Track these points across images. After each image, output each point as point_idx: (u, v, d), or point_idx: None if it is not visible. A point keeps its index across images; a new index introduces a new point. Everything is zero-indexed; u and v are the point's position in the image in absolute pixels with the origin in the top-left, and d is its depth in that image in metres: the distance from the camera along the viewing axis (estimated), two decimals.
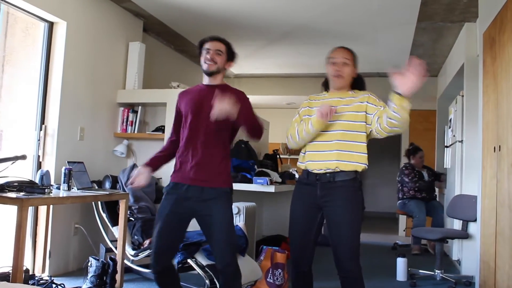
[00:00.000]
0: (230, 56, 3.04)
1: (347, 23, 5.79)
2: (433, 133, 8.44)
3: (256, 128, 2.97)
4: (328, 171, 2.83)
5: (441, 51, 6.86)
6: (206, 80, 3.02)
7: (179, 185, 2.91)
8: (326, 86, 3.10)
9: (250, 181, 4.87)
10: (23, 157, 3.56)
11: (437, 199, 7.23)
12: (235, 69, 8.43)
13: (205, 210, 2.86)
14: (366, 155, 2.90)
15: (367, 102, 2.85)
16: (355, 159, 2.85)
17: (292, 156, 10.06)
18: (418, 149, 7.10)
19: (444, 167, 6.99)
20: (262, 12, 5.56)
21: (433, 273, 4.95)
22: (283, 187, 5.28)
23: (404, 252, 5.35)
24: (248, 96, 3.07)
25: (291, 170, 6.32)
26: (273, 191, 4.84)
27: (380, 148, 12.08)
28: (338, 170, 2.82)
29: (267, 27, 6.12)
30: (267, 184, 4.81)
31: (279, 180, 5.34)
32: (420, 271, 5.00)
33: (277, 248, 4.37)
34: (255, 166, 5.30)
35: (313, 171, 2.89)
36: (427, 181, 6.91)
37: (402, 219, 8.72)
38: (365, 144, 2.89)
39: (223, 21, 5.88)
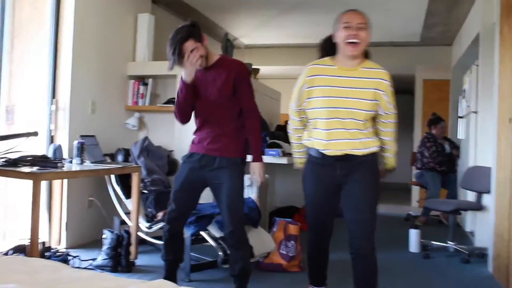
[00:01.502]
0: (200, 37, 2.98)
1: None
2: (446, 103, 8.33)
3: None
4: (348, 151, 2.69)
5: (456, 19, 6.71)
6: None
7: (194, 154, 3.10)
8: (327, 51, 2.80)
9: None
10: (35, 133, 3.58)
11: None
12: (245, 39, 8.33)
13: (216, 179, 3.04)
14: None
15: (383, 91, 2.66)
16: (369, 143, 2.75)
17: None
18: (440, 119, 6.96)
19: (458, 137, 6.93)
20: None
21: (446, 244, 4.94)
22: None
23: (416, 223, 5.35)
24: (259, 67, 3.11)
25: None
26: (286, 162, 4.84)
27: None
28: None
29: None
30: (280, 155, 4.81)
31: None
32: (433, 242, 4.98)
33: (290, 219, 4.37)
34: (267, 138, 5.28)
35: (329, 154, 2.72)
36: (447, 154, 6.81)
37: (416, 190, 8.69)
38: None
39: None
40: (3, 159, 3.36)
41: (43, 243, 4.05)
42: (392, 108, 2.71)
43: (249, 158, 3.16)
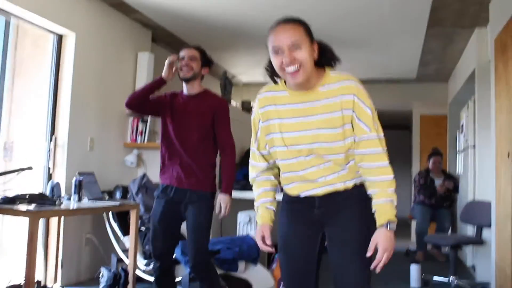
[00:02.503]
0: (205, 62, 3.18)
1: (357, 29, 5.76)
2: (444, 137, 8.37)
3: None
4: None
5: (451, 56, 6.81)
6: (185, 89, 3.22)
7: (168, 187, 3.17)
8: (274, 72, 2.06)
9: None
10: (29, 168, 3.57)
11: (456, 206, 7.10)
12: (244, 77, 8.42)
13: (187, 212, 3.13)
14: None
15: (355, 96, 1.97)
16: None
17: None
18: (433, 153, 7.00)
19: (457, 173, 6.93)
20: (269, 20, 5.51)
21: (447, 279, 4.88)
22: None
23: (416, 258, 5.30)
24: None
25: None
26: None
27: (390, 151, 12.02)
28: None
29: None
30: (279, 191, 4.78)
31: None
32: (434, 277, 4.93)
33: None
34: None
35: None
36: (432, 188, 6.77)
37: (414, 224, 8.65)
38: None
39: (231, 31, 5.88)
40: (1, 197, 3.34)
41: (39, 282, 3.99)
42: (367, 131, 1.98)
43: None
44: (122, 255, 4.47)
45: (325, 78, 2.01)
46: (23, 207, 3.19)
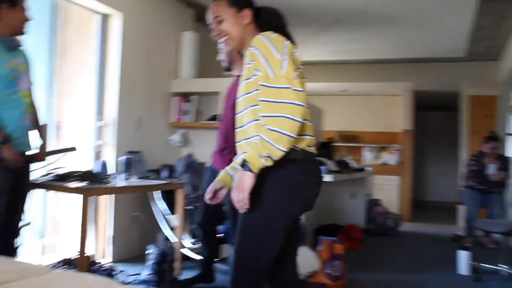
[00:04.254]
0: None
1: (403, 7, 5.59)
2: (493, 120, 8.11)
3: None
4: None
5: (504, 33, 6.55)
6: None
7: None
8: None
9: None
10: (73, 149, 3.61)
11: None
12: None
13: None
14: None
15: (251, 47, 1.99)
16: None
17: (348, 144, 9.92)
18: (491, 138, 6.66)
19: (506, 155, 6.69)
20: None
21: (498, 267, 4.73)
22: (340, 176, 5.21)
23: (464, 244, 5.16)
24: None
25: (346, 159, 6.23)
26: (331, 180, 4.77)
27: (437, 134, 11.79)
28: None
29: (318, 13, 6.00)
30: (324, 173, 4.74)
31: (336, 169, 5.26)
32: (484, 265, 4.80)
33: (335, 238, 4.29)
34: None
35: None
36: (485, 175, 6.50)
37: (462, 209, 8.45)
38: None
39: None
40: (52, 174, 3.42)
41: (89, 256, 4.09)
42: (266, 80, 1.91)
43: None
44: (169, 233, 4.53)
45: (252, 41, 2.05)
46: (75, 184, 3.26)
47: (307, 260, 3.88)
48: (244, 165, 1.85)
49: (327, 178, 4.80)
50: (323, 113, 7.14)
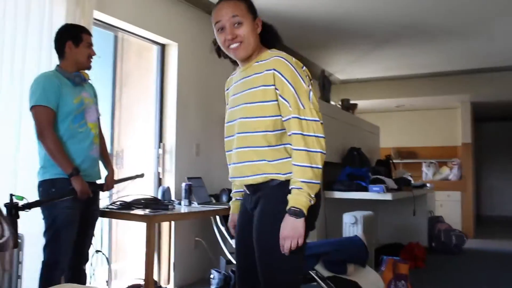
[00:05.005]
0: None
1: (457, 16, 5.46)
2: None
3: None
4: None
5: None
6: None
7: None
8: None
9: (365, 189, 4.76)
10: (142, 175, 3.73)
11: None
12: (341, 75, 8.33)
13: None
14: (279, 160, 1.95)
15: (271, 86, 1.92)
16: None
17: (405, 161, 9.74)
18: None
19: None
20: (365, 16, 5.44)
21: None
22: (400, 194, 5.12)
23: None
24: (356, 102, 3.02)
25: (406, 176, 6.12)
26: (390, 198, 4.70)
27: (497, 145, 11.40)
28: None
29: (370, 31, 5.99)
30: (384, 191, 4.68)
31: (395, 186, 5.17)
32: None
33: (398, 258, 4.22)
34: (369, 173, 5.18)
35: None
36: None
37: None
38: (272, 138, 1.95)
39: (326, 28, 5.84)
40: (119, 203, 3.53)
41: (156, 281, 4.17)
42: (291, 111, 1.88)
43: None
44: (230, 257, 4.56)
45: (262, 55, 2.00)
46: (139, 211, 3.35)
47: (371, 280, 3.82)
48: (296, 212, 1.83)
49: (386, 196, 4.73)
50: (380, 130, 7.06)
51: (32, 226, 2.89)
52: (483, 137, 11.08)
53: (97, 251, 3.32)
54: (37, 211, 2.85)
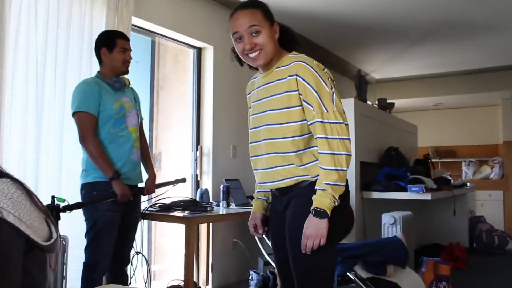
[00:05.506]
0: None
1: (495, 11, 5.32)
2: None
3: None
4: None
5: None
6: None
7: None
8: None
9: (403, 189, 4.71)
10: (183, 180, 3.77)
11: None
12: (376, 74, 8.25)
13: None
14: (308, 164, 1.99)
15: (295, 92, 1.95)
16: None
17: (444, 160, 9.56)
18: None
19: None
20: (400, 14, 5.37)
21: None
22: (440, 194, 5.04)
23: None
24: (392, 101, 2.98)
25: (445, 175, 6.02)
26: (430, 198, 4.63)
27: None
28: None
29: (405, 29, 5.90)
30: (423, 191, 4.62)
31: (434, 186, 5.09)
32: None
33: (439, 259, 4.15)
34: (408, 174, 5.11)
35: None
36: None
37: None
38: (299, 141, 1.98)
39: (361, 27, 5.79)
40: (158, 205, 3.59)
41: (194, 283, 4.22)
42: (315, 115, 1.91)
43: None
44: (268, 258, 4.57)
45: (283, 60, 2.02)
46: (178, 213, 3.40)
47: (411, 282, 3.77)
48: (320, 213, 1.86)
49: (425, 196, 4.66)
50: (418, 130, 6.96)
51: (76, 229, 2.98)
52: None
53: (137, 253, 3.38)
54: (79, 214, 2.93)
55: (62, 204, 2.55)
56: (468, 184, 6.75)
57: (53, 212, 2.47)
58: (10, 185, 1.17)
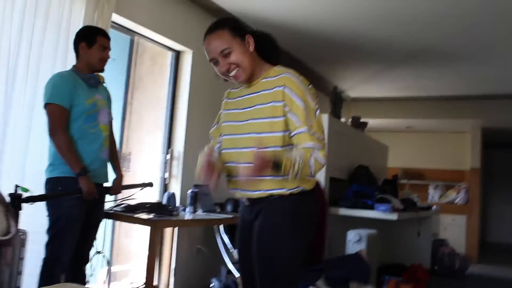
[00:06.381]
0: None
1: (473, 43, 5.47)
2: None
3: None
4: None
5: None
6: None
7: None
8: None
9: (371, 207, 4.74)
10: (150, 184, 3.73)
11: None
12: (352, 92, 8.31)
13: None
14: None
15: (280, 102, 1.98)
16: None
17: (412, 182, 9.69)
18: None
19: None
20: (381, 36, 5.44)
21: None
22: (406, 215, 5.09)
23: None
24: (366, 120, 3.02)
25: (412, 197, 6.09)
26: (396, 218, 4.67)
27: (505, 172, 11.33)
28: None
29: (385, 51, 5.98)
30: (390, 211, 4.65)
31: (401, 207, 5.14)
32: None
33: (400, 278, 4.18)
34: (375, 193, 5.15)
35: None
36: None
37: None
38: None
39: (341, 44, 5.82)
40: (123, 205, 3.53)
41: (155, 286, 4.16)
42: (300, 126, 1.94)
43: None
44: (231, 267, 4.54)
45: (269, 72, 2.07)
46: (144, 216, 3.35)
47: None
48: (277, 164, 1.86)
49: (392, 216, 4.70)
50: (389, 150, 7.04)
51: (35, 223, 2.90)
52: (492, 163, 11.02)
53: (98, 252, 3.31)
54: (41, 209, 2.86)
55: (25, 194, 2.49)
56: (433, 207, 6.84)
57: (15, 201, 2.41)
58: None
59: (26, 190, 2.45)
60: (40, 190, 2.88)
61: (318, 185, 2.02)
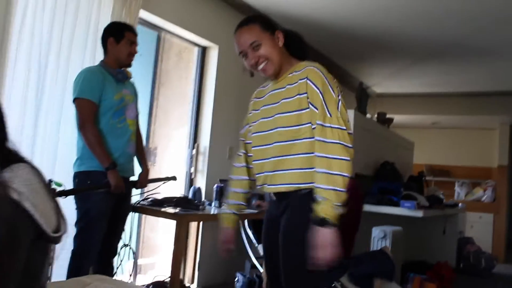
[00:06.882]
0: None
1: (502, 36, 5.36)
2: None
3: None
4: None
5: None
6: None
7: None
8: None
9: (396, 204, 4.72)
10: (174, 178, 3.77)
11: None
12: (378, 88, 8.26)
13: None
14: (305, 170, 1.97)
15: (304, 94, 1.97)
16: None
17: (438, 179, 9.58)
18: None
19: None
20: (407, 31, 5.38)
21: None
22: (431, 212, 5.05)
23: None
24: (392, 116, 2.99)
25: (438, 194, 6.03)
26: (421, 215, 4.64)
27: None
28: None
29: (411, 47, 5.92)
30: (415, 208, 4.63)
31: (426, 204, 5.10)
32: None
33: (425, 276, 4.16)
34: (401, 189, 5.13)
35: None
36: None
37: None
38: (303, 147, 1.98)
39: (366, 40, 5.79)
40: (150, 199, 3.58)
41: (180, 280, 4.21)
42: (322, 118, 1.92)
43: None
44: (255, 262, 4.56)
45: (295, 67, 2.07)
46: (170, 209, 3.39)
47: None
48: (325, 222, 1.83)
49: (417, 213, 4.67)
50: (414, 146, 6.98)
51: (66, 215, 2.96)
52: None
53: (125, 245, 3.37)
54: (70, 202, 2.92)
55: (58, 189, 2.54)
56: (460, 204, 6.76)
57: None
58: (29, 171, 1.17)
59: (59, 184, 2.50)
60: (68, 183, 2.94)
61: (351, 179, 2.00)
